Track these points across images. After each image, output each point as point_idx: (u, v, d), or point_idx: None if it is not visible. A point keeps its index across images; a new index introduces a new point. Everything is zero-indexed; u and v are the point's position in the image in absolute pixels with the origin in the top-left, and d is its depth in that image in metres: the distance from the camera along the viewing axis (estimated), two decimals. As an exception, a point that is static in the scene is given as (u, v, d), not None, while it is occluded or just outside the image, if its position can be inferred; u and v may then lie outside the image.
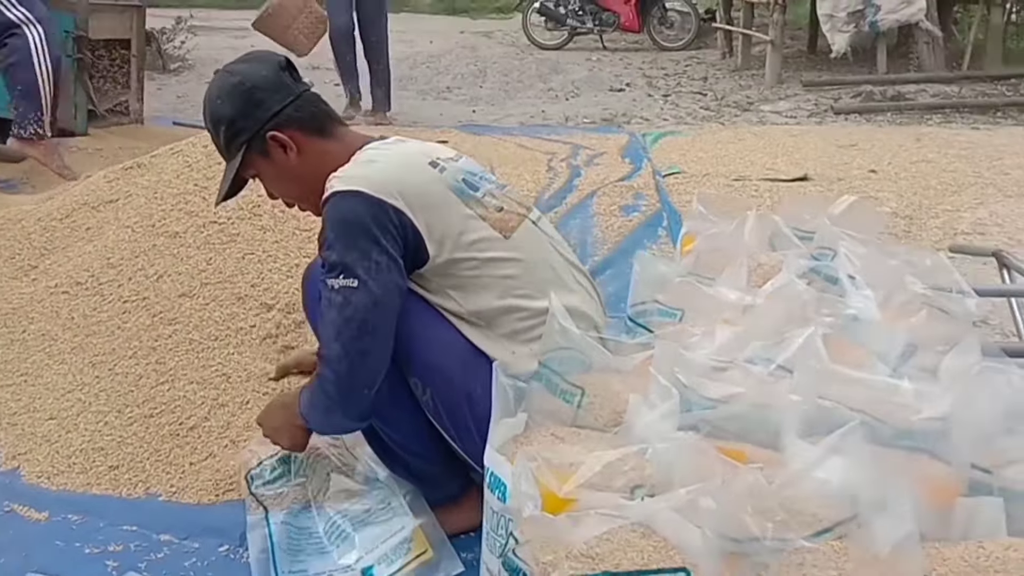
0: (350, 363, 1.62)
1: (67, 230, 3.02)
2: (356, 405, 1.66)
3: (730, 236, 1.94)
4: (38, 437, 2.31)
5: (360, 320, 1.60)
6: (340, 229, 1.64)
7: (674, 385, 1.26)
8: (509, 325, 1.72)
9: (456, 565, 1.75)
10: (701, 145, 4.96)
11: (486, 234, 1.73)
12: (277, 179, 1.86)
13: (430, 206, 1.69)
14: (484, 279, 1.72)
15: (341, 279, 1.62)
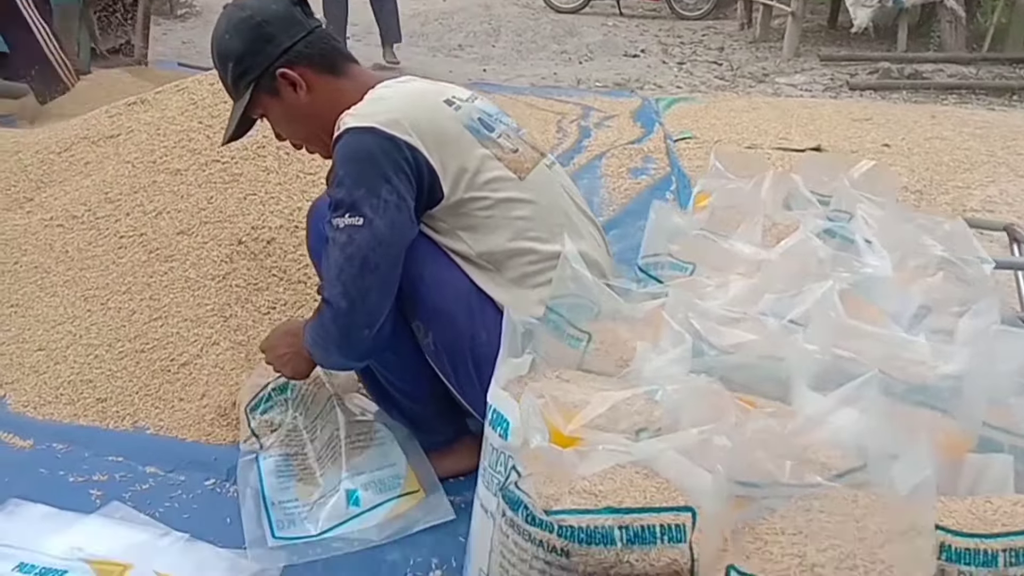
0: (350, 303, 1.57)
1: (65, 163, 2.96)
2: (355, 345, 1.62)
3: (747, 194, 1.89)
4: (26, 367, 2.27)
5: (362, 259, 1.56)
6: (350, 166, 1.58)
7: (687, 331, 1.22)
8: (518, 269, 1.67)
9: (447, 511, 1.72)
10: (714, 112, 4.91)
11: (501, 174, 1.68)
12: (285, 118, 1.79)
13: (445, 144, 1.63)
14: (496, 220, 1.67)
15: (347, 218, 1.57)
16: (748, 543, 0.94)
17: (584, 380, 1.26)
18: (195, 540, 1.68)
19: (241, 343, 2.27)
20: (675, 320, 1.24)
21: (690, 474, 1.02)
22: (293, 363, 1.85)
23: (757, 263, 1.58)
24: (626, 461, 1.02)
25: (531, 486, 1.00)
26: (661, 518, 0.98)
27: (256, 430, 1.88)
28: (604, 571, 0.96)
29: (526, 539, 0.99)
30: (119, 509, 1.78)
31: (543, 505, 0.98)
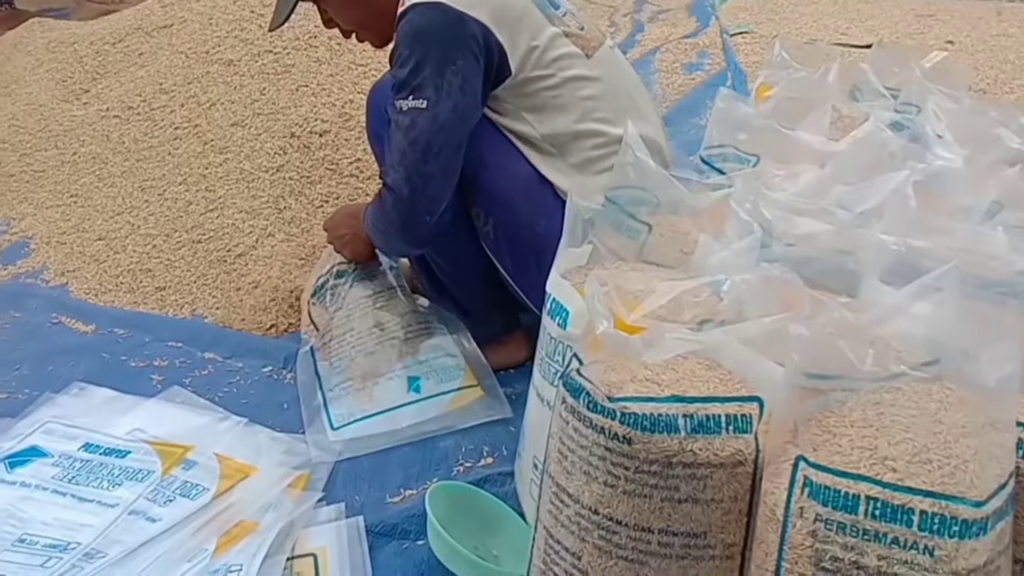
0: (411, 187, 1.54)
1: (120, 55, 2.95)
2: (415, 230, 1.60)
3: (813, 84, 1.81)
4: (87, 256, 2.31)
5: (425, 143, 1.52)
6: (415, 45, 1.51)
7: (756, 221, 1.19)
8: (582, 153, 1.63)
9: (505, 408, 1.72)
10: (772, 6, 4.72)
11: (568, 51, 1.61)
12: (343, 3, 1.70)
13: (513, 20, 1.56)
14: (563, 99, 1.61)
15: (410, 100, 1.52)
16: (816, 435, 0.92)
17: (645, 271, 1.24)
18: (253, 424, 1.72)
19: (295, 235, 2.28)
20: (743, 210, 1.21)
21: (757, 365, 1.01)
22: (353, 244, 1.85)
23: (825, 155, 1.53)
24: (694, 350, 1.00)
25: (593, 373, 0.99)
26: (727, 408, 0.97)
27: (315, 318, 1.89)
28: (666, 459, 0.95)
29: (587, 426, 0.98)
30: (179, 394, 1.82)
31: (606, 392, 0.97)
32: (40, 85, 2.98)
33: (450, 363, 1.76)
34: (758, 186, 1.31)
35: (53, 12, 4.32)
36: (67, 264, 2.29)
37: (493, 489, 1.50)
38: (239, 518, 1.45)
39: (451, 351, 1.78)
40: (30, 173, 2.64)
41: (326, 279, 1.91)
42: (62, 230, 2.41)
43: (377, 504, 1.53)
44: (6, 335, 2.03)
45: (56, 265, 2.29)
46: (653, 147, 1.56)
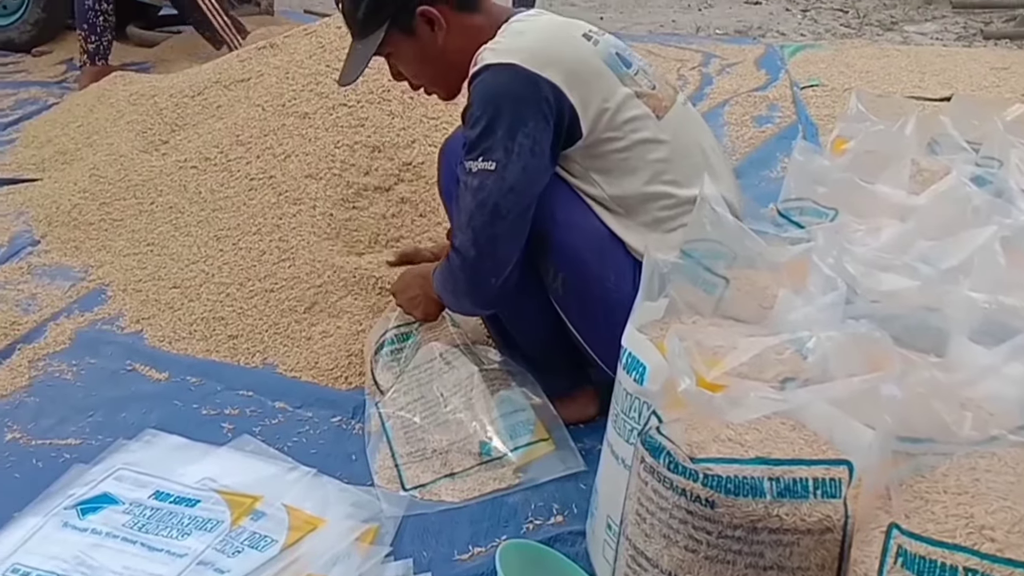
0: (478, 250, 1.54)
1: (198, 107, 3.03)
2: (482, 292, 1.60)
3: (891, 136, 1.78)
4: (162, 304, 2.34)
5: (493, 206, 1.52)
6: (487, 105, 1.52)
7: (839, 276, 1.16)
8: (651, 213, 1.61)
9: (578, 461, 1.70)
10: (842, 60, 4.70)
11: (640, 112, 1.61)
12: (417, 58, 1.72)
13: (586, 81, 1.56)
14: (632, 162, 1.60)
15: (480, 161, 1.52)
16: (908, 501, 0.88)
17: (724, 325, 1.21)
18: (321, 475, 1.71)
19: (365, 286, 2.29)
20: (825, 265, 1.18)
21: (845, 426, 0.97)
22: (423, 305, 1.86)
23: (906, 209, 1.50)
24: (779, 410, 0.97)
25: (674, 432, 0.96)
26: (814, 471, 0.94)
27: (379, 375, 1.89)
28: (751, 524, 0.92)
29: (667, 487, 0.96)
30: (249, 442, 1.83)
31: (688, 452, 0.94)
32: (121, 136, 3.07)
33: (520, 417, 1.74)
34: (840, 240, 1.28)
35: (135, 66, 4.48)
36: (142, 311, 2.33)
37: (564, 549, 1.47)
38: (307, 571, 1.45)
39: (520, 405, 1.76)
40: (109, 222, 2.71)
41: (390, 338, 1.91)
42: (138, 278, 2.46)
43: (445, 561, 1.51)
44: (82, 381, 2.06)
45: (132, 312, 2.33)
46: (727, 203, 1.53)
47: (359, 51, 1.72)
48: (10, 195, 3.01)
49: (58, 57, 4.70)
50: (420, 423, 1.76)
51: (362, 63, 1.72)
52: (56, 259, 2.60)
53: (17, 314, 2.31)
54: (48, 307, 2.36)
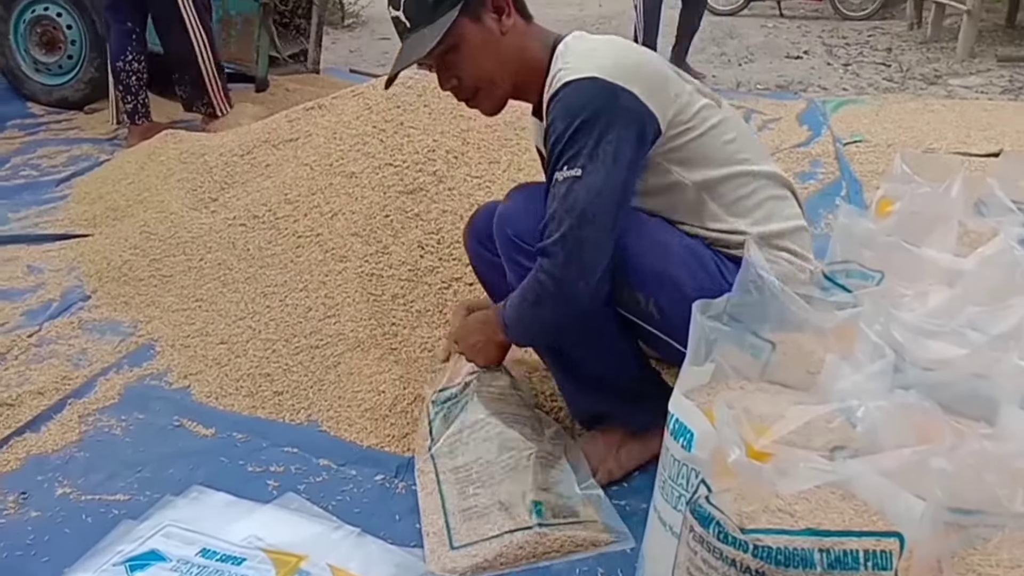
0: (567, 253, 1.55)
1: (247, 166, 3.10)
2: (570, 299, 1.58)
3: (936, 198, 1.78)
4: (209, 360, 2.38)
5: (580, 210, 1.54)
6: (572, 117, 1.56)
7: (887, 343, 1.15)
8: (734, 192, 1.68)
9: (627, 540, 1.68)
10: (886, 115, 4.68)
11: (706, 102, 1.70)
12: (478, 51, 1.71)
13: (658, 87, 1.62)
14: (707, 147, 1.67)
15: (566, 170, 1.56)
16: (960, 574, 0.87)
17: (771, 392, 1.21)
18: (365, 535, 1.72)
19: (411, 344, 2.31)
20: (873, 331, 1.17)
21: (895, 498, 0.96)
22: (485, 351, 1.88)
23: (953, 273, 1.49)
24: (829, 481, 0.96)
25: (724, 502, 0.96)
26: (865, 543, 0.92)
27: (435, 429, 1.90)
28: (800, 595, 0.91)
29: (717, 557, 0.95)
30: (294, 500, 1.84)
31: (738, 522, 0.93)
32: (171, 193, 3.14)
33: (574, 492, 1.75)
34: (887, 306, 1.27)
35: (183, 124, 4.59)
36: (190, 367, 2.36)
37: (610, 615, 1.46)
38: (351, 632, 1.44)
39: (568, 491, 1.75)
40: (159, 278, 2.76)
41: (451, 392, 1.92)
42: (186, 333, 2.50)
43: (490, 623, 1.50)
44: (131, 436, 2.09)
45: (180, 368, 2.37)
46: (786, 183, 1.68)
47: (425, 35, 1.69)
48: (63, 250, 3.09)
49: (109, 114, 4.83)
50: (473, 480, 1.75)
51: (429, 42, 1.68)
52: (106, 314, 2.66)
53: (68, 369, 2.35)
54: (98, 362, 2.40)
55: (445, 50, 1.71)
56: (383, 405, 2.13)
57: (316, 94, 4.93)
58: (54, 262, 2.98)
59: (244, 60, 4.92)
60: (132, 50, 4.22)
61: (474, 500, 1.72)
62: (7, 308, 2.68)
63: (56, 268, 2.94)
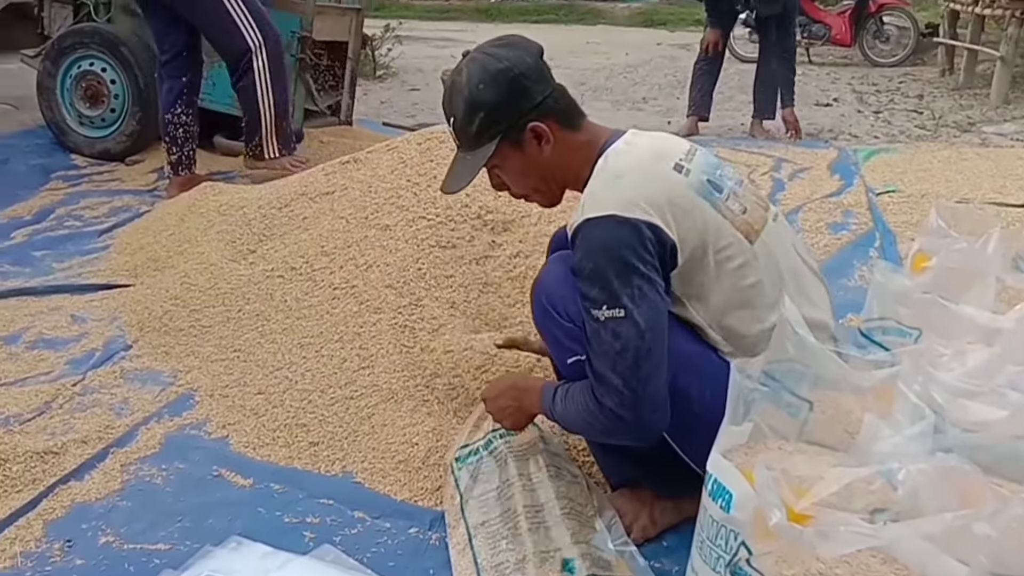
0: (633, 392, 1.57)
1: (285, 218, 3.16)
2: (646, 432, 1.61)
3: (973, 254, 1.78)
4: (247, 410, 2.41)
5: (634, 350, 1.55)
6: (598, 258, 1.58)
7: (927, 405, 1.15)
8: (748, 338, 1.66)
9: None
10: (918, 164, 4.68)
11: (733, 239, 1.66)
12: (522, 171, 1.79)
13: (682, 216, 1.62)
14: (726, 288, 1.66)
15: (605, 310, 1.57)
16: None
17: (810, 453, 1.21)
18: (401, 589, 1.73)
19: (445, 395, 2.32)
20: (912, 392, 1.17)
21: (938, 562, 0.96)
22: (514, 416, 1.89)
23: (991, 331, 1.48)
24: (871, 545, 0.96)
25: (765, 565, 0.96)
26: (908, 608, 0.92)
27: (462, 485, 1.91)
28: (842, 660, 0.91)
29: (758, 619, 0.95)
30: (329, 552, 1.85)
31: (779, 586, 0.94)
32: (211, 245, 3.20)
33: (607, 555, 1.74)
34: (926, 366, 1.28)
35: (221, 175, 4.67)
36: (228, 417, 2.39)
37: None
38: None
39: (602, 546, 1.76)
40: (198, 328, 2.80)
41: (475, 447, 1.93)
42: (225, 383, 2.53)
43: None
44: (171, 486, 2.12)
45: (218, 417, 2.40)
46: (817, 325, 1.57)
47: (468, 161, 1.78)
48: (105, 300, 3.14)
49: (150, 166, 4.92)
50: (505, 535, 1.76)
51: (470, 174, 1.78)
52: (147, 364, 2.70)
53: (111, 418, 2.39)
54: (139, 411, 2.44)
55: (491, 167, 1.78)
56: (416, 457, 2.15)
57: (349, 145, 5.04)
58: (97, 312, 3.04)
59: None
60: (182, 103, 4.32)
61: (506, 556, 1.72)
62: (52, 357, 2.74)
63: (99, 318, 2.99)
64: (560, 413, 1.72)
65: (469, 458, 1.94)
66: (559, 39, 14.24)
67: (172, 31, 4.23)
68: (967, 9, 8.42)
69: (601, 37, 14.62)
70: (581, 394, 1.65)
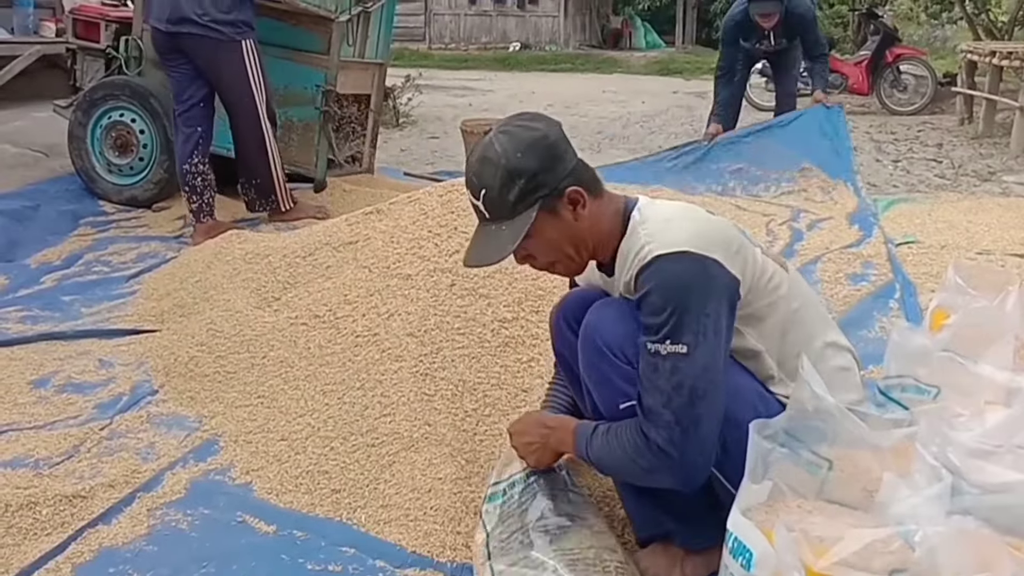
0: (683, 429, 1.58)
1: (309, 267, 3.22)
2: (690, 474, 1.61)
3: (991, 312, 1.79)
4: (270, 456, 2.44)
5: (691, 388, 1.57)
6: (671, 293, 1.60)
7: (944, 466, 1.17)
8: (797, 361, 1.65)
9: None
10: (938, 214, 4.69)
11: (776, 269, 1.75)
12: (557, 238, 1.78)
13: (737, 252, 1.68)
14: (777, 315, 1.72)
15: (668, 344, 1.59)
16: None
17: (829, 512, 1.23)
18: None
19: (466, 441, 2.35)
20: (929, 453, 1.19)
21: (956, 624, 0.97)
22: (539, 454, 1.91)
23: (1011, 391, 1.50)
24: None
25: (786, 624, 0.98)
26: (927, 670, 0.93)
27: (490, 524, 1.91)
28: None
29: None
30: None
31: (799, 646, 0.95)
32: (236, 292, 3.26)
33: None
34: (943, 427, 1.29)
35: (246, 222, 4.75)
36: (252, 463, 2.42)
37: None
38: None
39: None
40: (223, 374, 2.85)
41: (503, 488, 1.95)
42: (249, 429, 2.57)
43: None
44: (196, 531, 2.15)
45: (242, 463, 2.43)
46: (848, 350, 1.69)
47: (503, 232, 1.75)
48: (132, 345, 3.20)
49: (176, 213, 5.02)
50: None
51: (511, 242, 1.74)
52: (173, 408, 2.74)
53: (137, 463, 2.43)
54: (165, 456, 2.47)
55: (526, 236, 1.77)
56: (437, 507, 2.16)
57: (371, 194, 5.13)
58: (124, 356, 3.09)
59: (304, 163, 5.13)
60: (198, 153, 4.46)
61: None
62: (80, 401, 2.79)
63: (126, 363, 3.04)
64: (597, 451, 1.73)
65: (497, 498, 1.95)
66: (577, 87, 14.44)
67: (192, 84, 4.42)
68: (985, 60, 8.48)
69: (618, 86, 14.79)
70: (627, 430, 1.67)
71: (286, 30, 5.00)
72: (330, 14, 4.88)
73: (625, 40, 22.48)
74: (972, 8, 12.20)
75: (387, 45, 5.83)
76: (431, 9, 20.32)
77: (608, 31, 23.12)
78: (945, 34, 18.44)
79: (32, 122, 6.38)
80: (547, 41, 19.83)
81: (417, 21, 20.14)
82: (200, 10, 4.25)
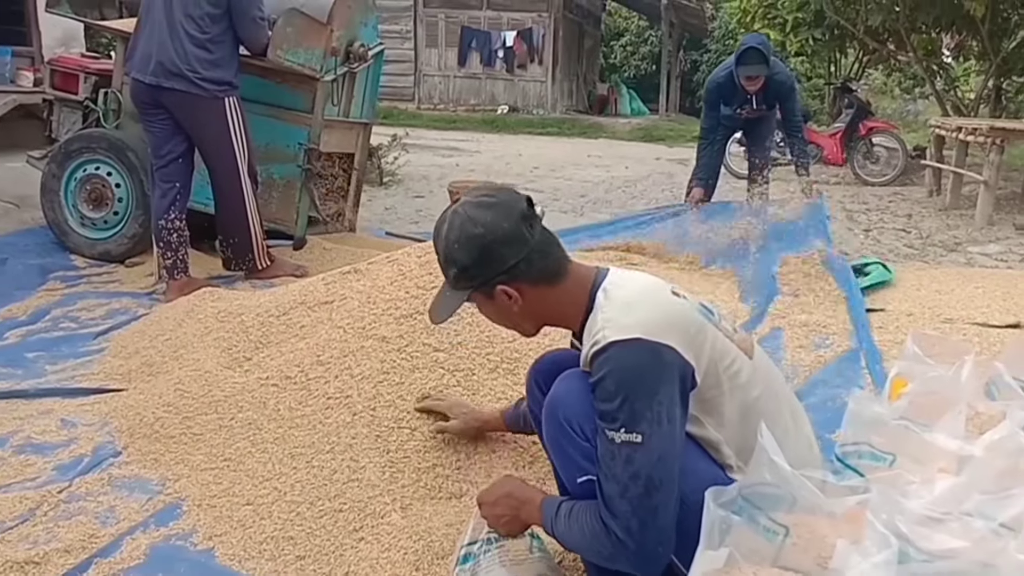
0: (641, 522, 1.59)
1: (283, 326, 3.20)
2: (650, 562, 1.62)
3: (947, 381, 1.83)
4: (234, 521, 2.41)
5: (647, 477, 1.58)
6: (621, 381, 1.61)
7: (893, 533, 1.19)
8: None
9: None
10: (906, 283, 4.73)
11: (736, 355, 1.74)
12: (495, 316, 1.91)
13: (694, 338, 1.68)
14: (735, 402, 1.72)
15: (623, 433, 1.60)
16: None
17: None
18: None
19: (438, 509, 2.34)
20: (879, 521, 1.21)
21: None
22: (509, 524, 1.92)
23: (961, 458, 1.52)
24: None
25: None
26: None
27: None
28: None
29: None
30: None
31: None
32: (207, 352, 3.23)
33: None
34: (895, 494, 1.31)
35: (220, 279, 4.73)
36: (215, 528, 2.39)
37: None
38: None
39: None
40: (189, 436, 2.81)
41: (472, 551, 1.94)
42: (213, 493, 2.54)
43: None
44: (154, 599, 2.11)
45: (205, 528, 2.39)
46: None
47: (448, 299, 1.87)
48: (96, 404, 3.13)
49: (149, 268, 4.96)
50: None
51: (447, 312, 1.87)
52: (136, 471, 2.69)
53: (96, 527, 2.38)
54: (125, 520, 2.43)
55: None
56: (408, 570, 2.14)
57: (351, 252, 5.12)
58: (87, 416, 3.03)
59: (284, 220, 5.14)
60: (175, 208, 4.44)
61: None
62: (39, 462, 2.73)
63: (89, 423, 2.98)
64: (562, 531, 1.74)
65: (467, 561, 1.94)
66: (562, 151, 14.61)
67: (172, 139, 4.41)
68: (952, 135, 8.69)
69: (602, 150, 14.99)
70: (587, 514, 1.67)
71: (271, 88, 5.04)
72: (315, 73, 4.93)
73: (611, 106, 22.84)
74: (942, 85, 12.55)
75: (373, 105, 5.89)
76: (421, 70, 20.60)
77: (594, 97, 23.49)
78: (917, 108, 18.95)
79: (4, 172, 6.35)
80: (535, 105, 20.11)
81: (407, 81, 20.41)
82: (185, 64, 4.25)
